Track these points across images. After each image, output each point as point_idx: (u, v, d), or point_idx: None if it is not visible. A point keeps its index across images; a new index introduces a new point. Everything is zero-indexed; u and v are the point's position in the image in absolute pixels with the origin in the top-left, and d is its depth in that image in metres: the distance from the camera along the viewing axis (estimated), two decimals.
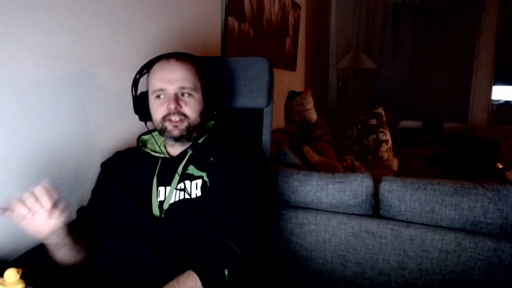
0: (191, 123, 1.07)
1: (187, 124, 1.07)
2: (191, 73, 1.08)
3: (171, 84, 1.05)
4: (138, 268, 0.95)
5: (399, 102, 4.54)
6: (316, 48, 4.18)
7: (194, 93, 1.08)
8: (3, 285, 0.67)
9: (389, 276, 1.33)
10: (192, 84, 1.07)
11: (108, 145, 1.33)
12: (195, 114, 1.08)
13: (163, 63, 1.08)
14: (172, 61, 1.07)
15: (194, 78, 1.08)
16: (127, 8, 1.37)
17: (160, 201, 1.05)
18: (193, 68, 1.09)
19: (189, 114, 1.07)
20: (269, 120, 1.35)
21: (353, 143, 3.55)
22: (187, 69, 1.07)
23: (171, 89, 1.05)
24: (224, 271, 0.90)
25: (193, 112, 1.08)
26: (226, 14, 2.10)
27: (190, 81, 1.07)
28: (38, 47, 1.05)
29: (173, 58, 1.08)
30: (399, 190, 1.33)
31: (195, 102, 1.08)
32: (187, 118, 1.07)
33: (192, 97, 1.08)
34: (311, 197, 1.42)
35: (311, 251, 1.42)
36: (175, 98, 1.05)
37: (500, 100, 4.39)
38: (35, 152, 1.08)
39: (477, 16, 4.12)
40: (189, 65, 1.09)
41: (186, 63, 1.08)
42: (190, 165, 1.08)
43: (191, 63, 1.10)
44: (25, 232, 0.87)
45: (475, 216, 1.25)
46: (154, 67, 1.09)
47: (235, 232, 0.96)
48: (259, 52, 2.59)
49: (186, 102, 1.07)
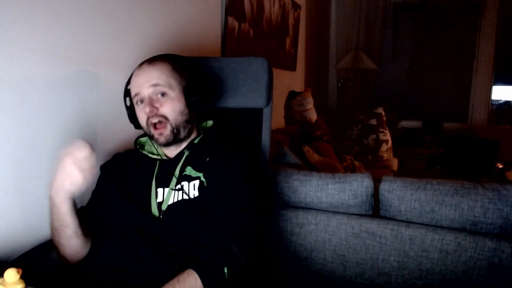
0: (173, 124, 1.06)
1: (170, 127, 1.05)
2: (164, 72, 1.06)
3: (143, 88, 1.05)
4: (138, 268, 0.95)
5: (399, 102, 4.55)
6: (316, 48, 4.18)
7: (170, 91, 1.06)
8: (3, 285, 0.67)
9: (389, 276, 1.33)
10: (165, 82, 1.05)
11: (108, 146, 1.33)
12: (174, 113, 1.06)
13: (137, 69, 1.09)
14: (144, 65, 1.08)
15: (167, 76, 1.06)
16: (127, 8, 1.37)
17: (159, 202, 1.05)
18: (167, 67, 1.08)
19: (167, 115, 1.05)
20: (268, 120, 1.34)
21: (353, 143, 3.55)
22: (159, 69, 1.06)
23: (144, 92, 1.05)
24: (223, 269, 0.90)
25: (171, 111, 1.05)
26: (226, 14, 2.10)
27: (162, 79, 1.05)
28: (38, 47, 1.05)
29: (145, 63, 1.09)
30: (399, 190, 1.33)
31: (172, 101, 1.06)
32: (167, 120, 1.05)
33: (167, 96, 1.06)
34: (311, 197, 1.42)
35: (311, 251, 1.42)
36: (149, 101, 1.04)
37: (500, 100, 4.39)
38: (35, 152, 1.08)
39: (477, 16, 4.12)
40: (161, 64, 1.08)
41: (158, 64, 1.08)
42: (187, 166, 1.08)
43: (165, 62, 1.09)
44: (25, 232, 0.87)
45: (475, 216, 1.25)
46: (132, 77, 1.10)
47: (234, 231, 0.96)
48: (259, 52, 2.59)
49: (162, 103, 1.05)
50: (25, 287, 0.68)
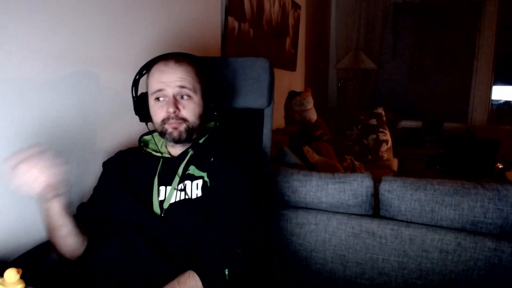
0: (190, 125, 1.06)
1: (186, 126, 1.06)
2: (190, 74, 1.06)
3: (169, 86, 1.04)
4: (138, 268, 0.95)
5: (399, 102, 4.55)
6: (316, 48, 4.18)
7: (193, 95, 1.06)
8: (3, 285, 0.67)
9: (389, 276, 1.33)
10: (191, 85, 1.06)
11: (108, 145, 1.33)
12: (193, 117, 1.07)
13: (162, 64, 1.06)
14: (171, 63, 1.06)
15: (193, 80, 1.07)
16: (127, 8, 1.37)
17: (160, 200, 1.05)
18: (192, 70, 1.08)
19: (188, 118, 1.06)
20: (269, 120, 1.34)
21: (353, 143, 3.55)
22: (186, 71, 1.06)
23: (169, 91, 1.04)
24: (224, 271, 0.90)
25: (192, 115, 1.06)
26: (226, 14, 2.10)
27: (189, 82, 1.05)
28: (38, 47, 1.05)
29: (172, 60, 1.07)
30: (399, 190, 1.33)
31: (194, 104, 1.07)
32: (186, 121, 1.06)
33: (191, 100, 1.06)
34: (311, 197, 1.42)
35: (311, 251, 1.42)
36: (174, 101, 1.04)
37: (500, 100, 4.39)
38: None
39: (477, 16, 4.12)
40: (188, 66, 1.07)
41: (185, 65, 1.07)
42: (191, 165, 1.08)
43: (190, 64, 1.09)
44: (25, 232, 0.87)
45: (475, 216, 1.25)
46: (153, 69, 1.08)
47: (236, 232, 0.96)
48: (259, 52, 2.59)
49: (185, 106, 1.05)
50: (25, 287, 0.68)
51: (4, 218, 1.01)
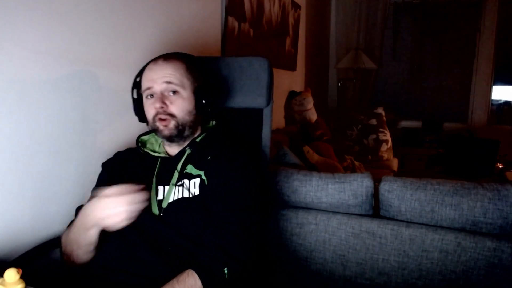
0: (179, 121, 1.07)
1: (175, 122, 1.07)
2: (178, 71, 1.08)
3: (156, 83, 1.06)
4: (137, 268, 0.95)
5: (399, 102, 4.54)
6: (316, 48, 4.18)
7: (181, 90, 1.08)
8: (3, 285, 0.67)
9: (389, 276, 1.33)
10: (179, 81, 1.07)
11: (108, 145, 1.33)
12: (182, 113, 1.08)
13: (152, 63, 1.10)
14: (159, 61, 1.09)
15: (181, 76, 1.08)
16: (127, 8, 1.37)
17: (159, 200, 1.05)
18: (182, 66, 1.10)
19: (176, 113, 1.07)
20: (269, 120, 1.35)
21: (353, 143, 3.55)
22: (174, 67, 1.08)
23: (157, 87, 1.06)
24: (223, 270, 0.90)
25: (180, 111, 1.07)
26: (226, 14, 2.10)
27: (176, 77, 1.07)
28: (38, 47, 1.05)
29: (161, 58, 1.10)
30: (399, 190, 1.33)
31: (182, 100, 1.08)
32: (174, 117, 1.07)
33: (179, 95, 1.07)
34: (311, 197, 1.42)
35: (311, 251, 1.42)
36: (161, 97, 1.06)
37: (500, 100, 4.39)
38: (35, 152, 1.08)
39: (477, 16, 4.12)
40: (176, 63, 1.09)
41: (173, 61, 1.09)
42: (188, 164, 1.09)
43: (180, 61, 1.10)
44: (25, 232, 0.87)
45: (475, 216, 1.25)
46: (145, 69, 1.11)
47: (234, 231, 0.96)
48: (259, 52, 2.59)
49: (173, 101, 1.07)
50: (25, 287, 0.68)
51: (4, 218, 1.01)
